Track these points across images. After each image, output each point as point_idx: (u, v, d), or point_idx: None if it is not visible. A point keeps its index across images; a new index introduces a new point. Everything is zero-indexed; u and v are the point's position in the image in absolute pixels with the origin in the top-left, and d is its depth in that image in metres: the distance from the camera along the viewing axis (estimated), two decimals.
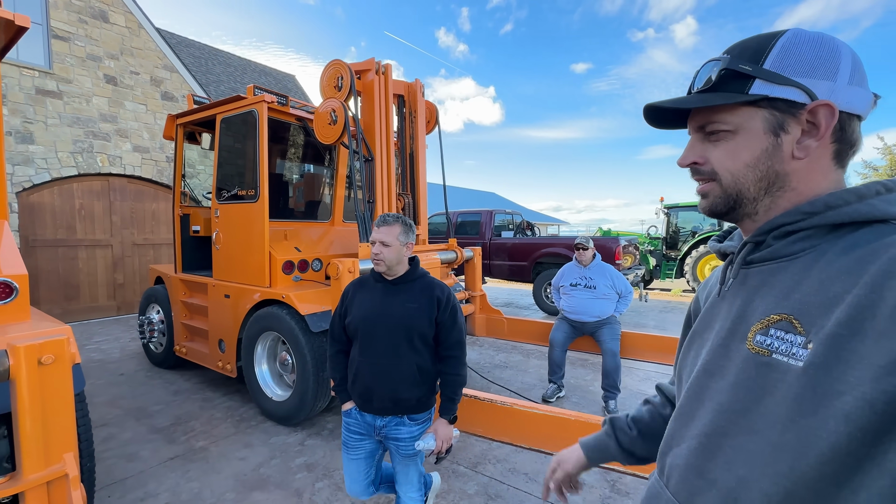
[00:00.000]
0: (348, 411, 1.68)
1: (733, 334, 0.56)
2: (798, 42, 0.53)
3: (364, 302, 1.63)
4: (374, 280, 1.68)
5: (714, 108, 0.57)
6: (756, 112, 0.55)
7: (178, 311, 4.10)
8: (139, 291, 7.40)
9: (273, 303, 3.21)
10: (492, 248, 8.05)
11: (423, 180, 4.00)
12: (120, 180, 7.23)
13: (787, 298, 0.51)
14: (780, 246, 0.55)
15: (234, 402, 3.58)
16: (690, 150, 0.61)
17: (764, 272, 0.56)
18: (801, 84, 0.52)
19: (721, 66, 0.56)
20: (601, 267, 3.65)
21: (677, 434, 0.61)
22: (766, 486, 0.47)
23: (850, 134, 0.53)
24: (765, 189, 0.56)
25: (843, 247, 0.49)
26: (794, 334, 0.48)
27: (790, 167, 0.54)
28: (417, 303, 1.60)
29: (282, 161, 4.45)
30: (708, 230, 10.42)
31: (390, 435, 1.63)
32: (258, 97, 3.31)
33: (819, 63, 0.52)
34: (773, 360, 0.49)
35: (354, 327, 1.61)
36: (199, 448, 2.83)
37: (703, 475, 0.54)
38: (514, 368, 4.53)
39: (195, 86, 8.13)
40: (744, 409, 0.51)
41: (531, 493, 2.36)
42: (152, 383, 4.02)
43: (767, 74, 0.53)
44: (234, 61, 13.18)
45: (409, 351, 1.57)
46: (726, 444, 0.52)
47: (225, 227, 3.59)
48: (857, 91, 0.52)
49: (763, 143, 0.55)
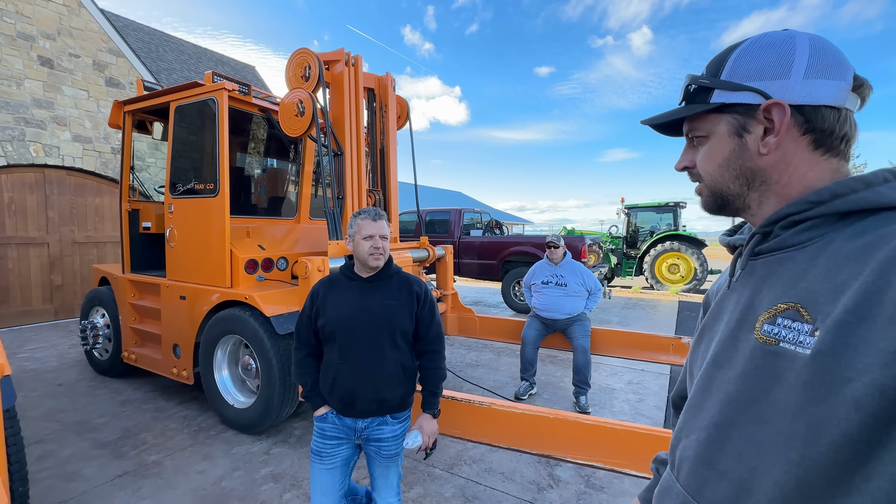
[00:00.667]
0: (324, 416, 1.57)
1: (742, 325, 0.57)
2: (750, 50, 0.58)
3: (340, 302, 1.54)
4: (346, 278, 1.60)
5: (691, 117, 0.64)
6: (721, 117, 0.60)
7: (126, 315, 3.78)
8: (80, 294, 6.81)
9: (234, 304, 3.02)
10: (461, 246, 8.05)
11: (394, 176, 3.90)
12: (57, 172, 6.61)
13: (794, 287, 0.51)
14: (788, 236, 0.55)
15: (191, 410, 3.34)
16: (683, 156, 0.67)
17: (772, 262, 0.57)
18: (753, 88, 0.56)
19: (686, 82, 0.64)
20: (572, 265, 3.70)
21: (686, 426, 0.61)
22: (777, 476, 0.47)
23: (820, 123, 0.55)
24: (745, 185, 0.60)
25: (851, 234, 0.49)
26: (802, 322, 0.48)
27: (761, 163, 0.58)
28: (397, 299, 1.56)
29: (243, 154, 4.21)
30: (665, 229, 10.94)
31: (372, 436, 1.56)
32: (217, 84, 3.10)
33: (770, 65, 0.56)
34: (781, 348, 0.49)
35: (331, 329, 1.52)
36: (151, 462, 2.61)
37: (713, 466, 0.54)
38: (486, 367, 4.52)
39: (145, 73, 7.57)
40: (752, 399, 0.51)
41: (508, 492, 2.34)
42: (96, 393, 3.69)
43: (723, 84, 0.59)
44: (188, 49, 12.41)
45: (392, 349, 1.53)
46: (735, 435, 0.52)
47: (180, 223, 3.34)
48: (817, 83, 0.54)
49: (730, 144, 0.60)
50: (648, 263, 10.57)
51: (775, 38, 0.56)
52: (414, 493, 2.33)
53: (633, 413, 3.39)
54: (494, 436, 2.09)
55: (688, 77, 0.64)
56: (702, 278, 10.07)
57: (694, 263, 10.10)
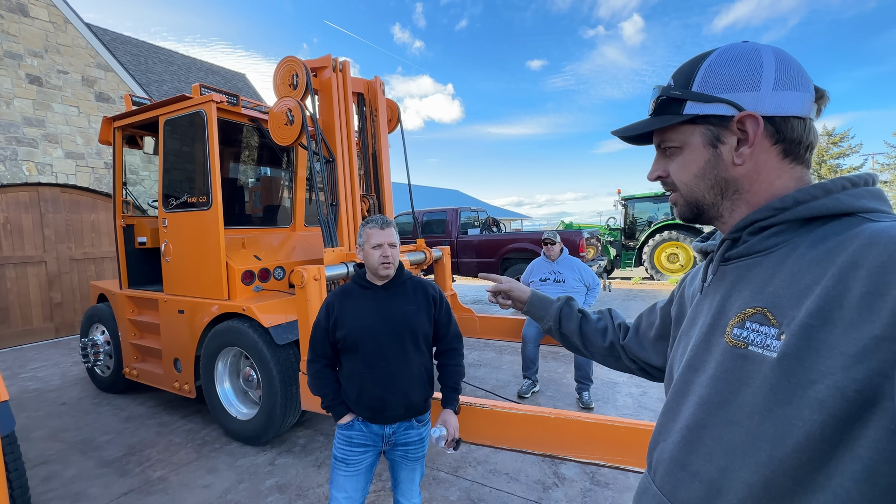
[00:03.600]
0: (350, 424, 1.55)
1: (714, 329, 0.58)
2: (720, 62, 0.58)
3: (359, 312, 1.54)
4: (359, 287, 1.59)
5: (663, 128, 0.64)
6: (695, 129, 0.61)
7: (125, 331, 3.77)
8: (80, 311, 6.80)
9: (233, 316, 3.01)
10: (459, 246, 8.04)
11: (388, 181, 3.89)
12: (52, 190, 6.60)
13: (761, 292, 0.53)
14: (755, 242, 0.57)
15: (195, 424, 3.34)
16: (655, 166, 0.68)
17: (741, 267, 0.58)
18: (725, 99, 0.57)
19: (657, 94, 0.63)
20: (569, 261, 3.70)
21: (664, 430, 0.63)
22: (746, 476, 0.48)
23: (790, 133, 0.56)
24: (720, 195, 0.61)
25: (813, 240, 0.51)
26: (769, 326, 0.50)
27: (735, 173, 0.59)
28: (415, 304, 1.58)
29: (235, 164, 4.20)
30: (663, 219, 10.92)
31: (399, 441, 1.57)
32: (205, 97, 3.09)
33: (740, 77, 0.56)
34: (749, 351, 0.51)
35: (353, 340, 1.51)
36: (156, 479, 2.61)
37: (686, 467, 0.56)
38: (488, 366, 4.52)
39: (134, 86, 7.55)
40: (722, 401, 0.53)
41: (514, 493, 2.34)
42: (100, 411, 3.69)
43: (695, 96, 0.59)
44: (177, 59, 12.37)
45: (415, 353, 1.55)
46: (706, 436, 0.54)
47: (175, 237, 3.33)
48: (785, 95, 0.55)
49: (704, 155, 0.60)
50: (647, 254, 10.56)
51: (742, 51, 0.57)
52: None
53: (637, 406, 3.39)
54: (498, 438, 2.09)
55: (657, 88, 0.64)
56: None
57: (693, 252, 10.09)
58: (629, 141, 0.70)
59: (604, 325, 1.00)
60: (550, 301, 1.08)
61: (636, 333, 0.93)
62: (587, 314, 1.03)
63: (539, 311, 1.07)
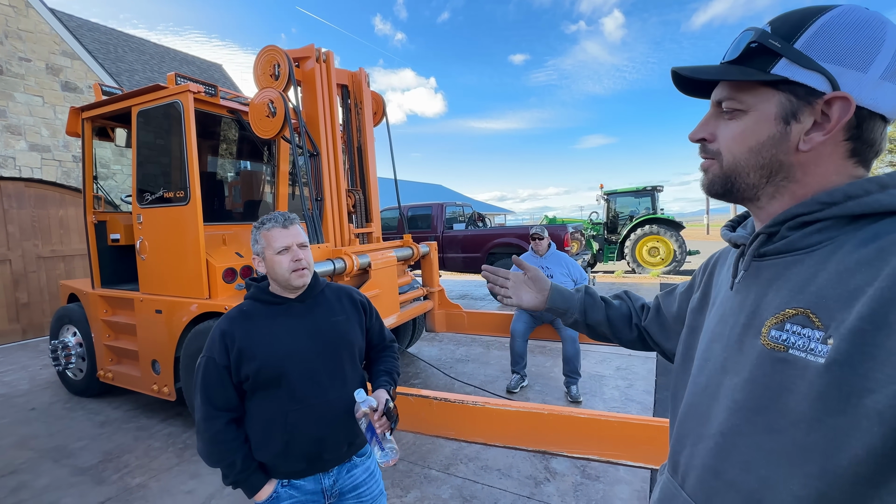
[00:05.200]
0: (274, 495, 1.19)
1: (747, 329, 0.54)
2: (840, 22, 0.48)
3: (274, 336, 1.20)
4: (263, 305, 1.25)
5: (734, 82, 0.54)
6: (773, 95, 0.52)
7: (99, 332, 3.61)
8: (49, 311, 6.49)
9: (214, 315, 2.90)
10: (444, 240, 8.01)
11: (374, 175, 3.82)
12: (15, 184, 6.25)
13: (802, 292, 0.49)
14: (796, 237, 0.52)
15: (175, 427, 3.22)
16: (703, 126, 0.59)
17: (778, 265, 0.54)
18: (826, 70, 0.48)
19: (751, 37, 0.52)
20: (557, 256, 3.71)
21: (692, 433, 0.59)
22: (795, 488, 0.45)
23: (868, 133, 0.50)
24: (766, 177, 0.54)
25: (863, 238, 0.47)
26: (812, 329, 0.46)
27: (794, 159, 0.52)
28: (343, 313, 1.31)
29: (214, 158, 4.05)
30: (644, 213, 11.13)
31: (346, 488, 1.26)
32: (181, 87, 2.95)
33: (853, 50, 0.47)
34: (790, 355, 0.47)
35: (273, 373, 1.17)
36: (135, 486, 2.51)
37: (720, 476, 0.53)
38: (476, 361, 4.52)
39: (103, 75, 7.20)
40: (760, 407, 0.49)
41: (506, 489, 2.33)
42: (73, 416, 3.52)
43: (795, 55, 0.49)
44: (149, 48, 11.88)
45: (353, 372, 1.30)
46: (742, 444, 0.51)
47: (151, 233, 3.19)
48: (888, 88, 0.48)
49: (771, 129, 0.52)
50: (629, 248, 10.75)
51: (868, 18, 0.48)
52: (411, 497, 2.30)
53: (624, 399, 3.44)
54: (490, 435, 2.08)
55: (751, 31, 0.53)
56: (681, 260, 10.30)
57: (673, 245, 10.32)
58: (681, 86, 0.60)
59: (627, 310, 0.97)
60: (571, 293, 1.01)
61: (656, 316, 0.91)
62: (609, 301, 1.00)
63: (561, 305, 0.99)
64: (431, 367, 4.24)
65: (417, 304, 3.89)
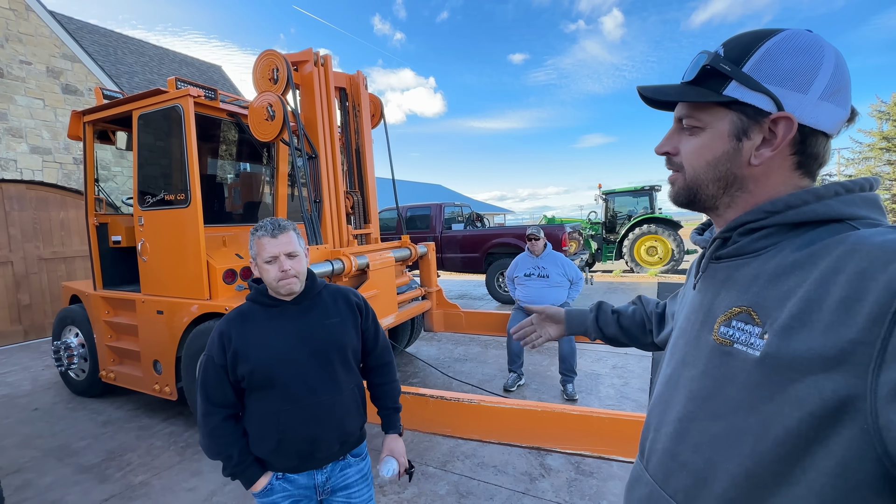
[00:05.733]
0: (268, 487, 1.25)
1: (704, 326, 0.60)
2: (783, 47, 0.53)
3: (267, 337, 1.24)
4: (261, 307, 1.29)
5: (692, 102, 0.59)
6: (726, 114, 0.57)
7: (101, 333, 3.65)
8: (51, 313, 6.54)
9: (215, 316, 2.95)
10: (443, 241, 8.04)
11: (372, 177, 3.86)
12: (16, 187, 6.29)
13: (747, 292, 0.55)
14: (745, 242, 0.58)
15: (177, 426, 3.27)
16: (668, 140, 0.64)
17: (730, 267, 0.60)
18: (770, 92, 0.53)
19: (706, 60, 0.57)
20: (553, 256, 3.75)
21: (657, 420, 0.65)
22: (731, 467, 0.50)
23: (811, 148, 0.55)
24: (723, 188, 0.59)
25: (799, 244, 0.52)
26: (753, 325, 0.52)
27: (747, 172, 0.57)
28: (337, 316, 1.32)
29: (214, 161, 4.09)
30: (642, 213, 11.16)
31: (338, 486, 1.31)
32: (182, 91, 2.99)
33: (794, 73, 0.52)
34: (734, 349, 0.53)
35: (266, 374, 1.21)
36: (138, 483, 2.55)
37: (676, 458, 0.58)
38: (474, 360, 4.56)
39: (104, 78, 7.24)
40: (709, 396, 0.55)
41: (502, 485, 2.38)
42: (75, 416, 3.57)
43: (743, 77, 0.54)
44: (148, 50, 11.92)
45: (346, 374, 1.31)
46: (694, 429, 0.56)
47: (152, 236, 3.24)
48: (827, 108, 0.52)
49: (725, 145, 0.57)
50: (627, 247, 10.78)
51: (808, 43, 0.52)
52: (409, 493, 2.34)
53: (619, 397, 3.48)
54: (486, 432, 2.12)
55: (704, 54, 0.57)
56: (679, 259, 10.33)
57: (671, 245, 10.35)
58: (649, 102, 0.65)
59: (640, 317, 1.03)
60: (585, 313, 1.10)
61: (660, 319, 0.97)
62: (622, 311, 1.06)
63: (579, 328, 1.11)
64: (429, 367, 4.29)
65: (415, 304, 3.93)
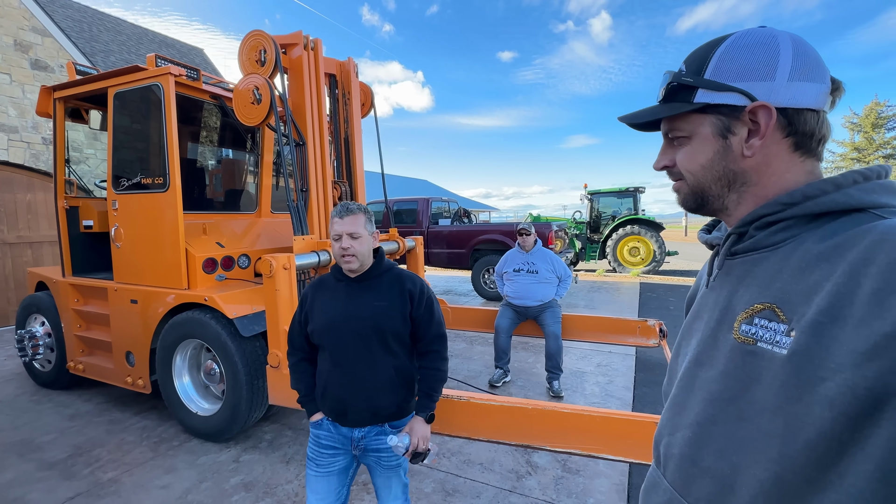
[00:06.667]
0: (318, 422, 1.48)
1: (721, 324, 0.58)
2: (735, 48, 0.56)
3: (327, 306, 1.45)
4: (335, 280, 1.50)
5: (671, 116, 0.62)
6: (704, 118, 0.59)
7: (69, 322, 3.47)
8: (15, 300, 6.21)
9: (193, 306, 2.83)
10: (430, 236, 7.98)
11: (360, 167, 3.76)
12: None
13: (769, 288, 0.53)
14: (762, 236, 0.56)
15: (150, 421, 3.13)
16: (662, 156, 0.66)
17: (747, 262, 0.58)
18: (738, 88, 0.55)
19: (669, 79, 0.60)
20: (542, 252, 3.74)
21: (671, 423, 0.63)
22: (758, 472, 0.48)
23: (802, 126, 0.55)
24: (726, 186, 0.60)
25: (822, 235, 0.50)
26: (777, 322, 0.50)
27: (744, 165, 0.58)
28: (387, 300, 1.44)
29: (195, 145, 3.93)
30: (625, 214, 11.32)
31: (370, 447, 1.46)
32: (162, 69, 2.84)
33: (754, 66, 0.54)
34: (759, 348, 0.51)
35: (319, 336, 1.44)
36: (107, 480, 2.43)
37: (697, 463, 0.56)
38: (460, 356, 4.53)
39: (77, 54, 6.89)
40: (732, 398, 0.53)
41: (488, 483, 2.35)
42: (40, 409, 3.39)
43: (707, 83, 0.57)
44: (126, 28, 11.41)
45: (384, 354, 1.43)
46: (717, 433, 0.54)
47: (127, 220, 3.08)
48: (800, 86, 0.53)
49: (714, 145, 0.59)
50: (611, 247, 10.92)
51: (759, 37, 0.55)
52: None
53: (604, 395, 3.50)
54: (474, 429, 2.08)
55: (668, 74, 0.61)
56: (660, 260, 10.52)
57: (653, 246, 10.54)
58: (636, 128, 0.68)
59: None
60: None
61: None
62: None
63: None
64: None
65: None
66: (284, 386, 2.42)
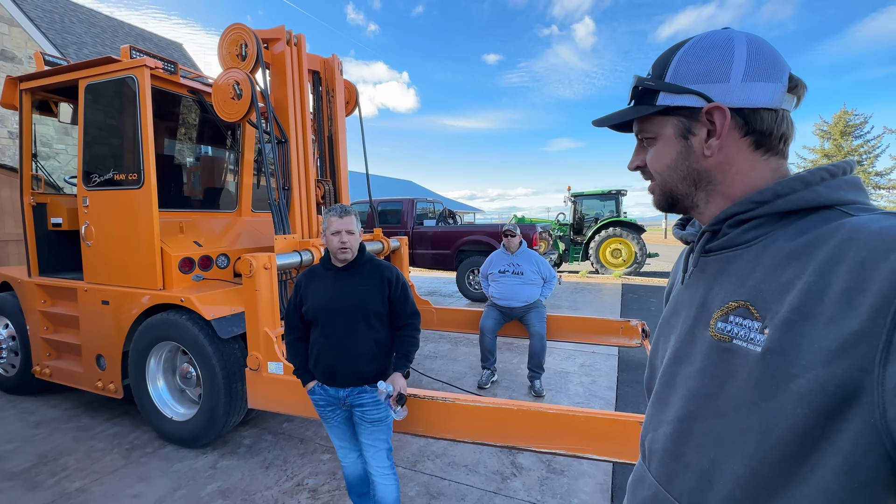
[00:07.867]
0: (312, 389, 1.80)
1: (697, 321, 0.59)
2: (693, 51, 0.58)
3: (318, 291, 1.76)
4: (324, 269, 1.82)
5: (641, 118, 0.64)
6: (668, 120, 0.61)
7: (35, 324, 3.31)
8: None
9: (168, 307, 2.73)
10: (414, 237, 7.94)
11: (344, 165, 3.70)
12: None
13: (742, 285, 0.54)
14: (735, 234, 0.57)
15: (122, 427, 3.01)
16: (635, 157, 0.68)
17: (722, 260, 0.59)
18: (695, 91, 0.57)
19: (635, 83, 0.63)
20: (527, 253, 3.75)
21: (654, 419, 0.64)
22: (735, 467, 0.49)
23: (759, 125, 0.56)
24: (693, 185, 0.62)
25: (792, 233, 0.52)
26: (752, 320, 0.51)
27: (706, 164, 0.59)
28: (369, 285, 1.76)
29: (171, 141, 3.80)
30: (608, 216, 11.50)
31: (354, 402, 1.75)
32: (137, 61, 2.74)
33: (710, 68, 0.56)
34: (734, 345, 0.52)
35: (313, 315, 1.75)
36: (74, 490, 2.31)
37: (679, 458, 0.57)
38: (444, 358, 4.50)
39: (47, 46, 6.63)
40: (710, 394, 0.54)
41: (473, 485, 2.33)
42: (2, 416, 3.22)
43: (667, 87, 0.59)
44: (100, 21, 11.02)
45: (366, 329, 1.74)
46: (696, 429, 0.55)
47: (98, 218, 2.95)
48: (754, 86, 0.55)
49: (677, 146, 0.61)
50: (593, 249, 11.07)
51: (715, 40, 0.57)
52: None
53: (587, 395, 3.53)
54: (459, 431, 2.06)
55: (635, 78, 0.64)
56: (641, 261, 10.72)
57: (634, 248, 10.72)
58: (613, 129, 0.70)
59: None
60: None
61: None
62: None
63: None
64: None
65: None
66: (265, 389, 2.35)
